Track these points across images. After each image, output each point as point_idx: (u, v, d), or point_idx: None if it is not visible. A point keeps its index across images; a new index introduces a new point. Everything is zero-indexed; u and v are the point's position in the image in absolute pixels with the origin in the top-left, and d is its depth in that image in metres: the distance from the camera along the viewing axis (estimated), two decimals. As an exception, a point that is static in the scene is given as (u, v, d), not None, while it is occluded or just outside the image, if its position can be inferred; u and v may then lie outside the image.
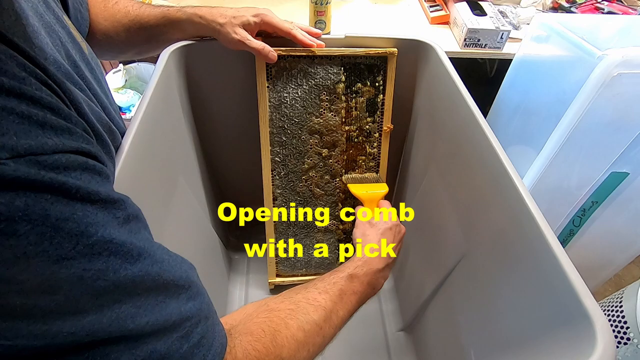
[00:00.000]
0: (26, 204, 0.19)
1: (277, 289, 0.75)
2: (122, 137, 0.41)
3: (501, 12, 1.05)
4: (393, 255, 0.53)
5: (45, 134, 0.21)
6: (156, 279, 0.25)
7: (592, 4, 1.08)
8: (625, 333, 0.64)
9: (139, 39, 0.56)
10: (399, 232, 0.56)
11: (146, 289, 0.25)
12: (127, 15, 0.54)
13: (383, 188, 0.64)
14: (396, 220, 0.57)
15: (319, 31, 0.58)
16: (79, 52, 0.38)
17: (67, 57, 0.34)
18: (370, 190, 0.64)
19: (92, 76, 0.38)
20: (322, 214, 0.70)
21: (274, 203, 0.68)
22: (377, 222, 0.56)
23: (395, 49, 0.60)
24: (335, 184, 0.68)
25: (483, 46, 0.99)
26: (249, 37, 0.53)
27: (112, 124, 0.38)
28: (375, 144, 0.66)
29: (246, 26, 0.53)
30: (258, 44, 0.54)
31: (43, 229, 0.19)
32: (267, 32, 0.56)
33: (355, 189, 0.64)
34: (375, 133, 0.65)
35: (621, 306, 0.67)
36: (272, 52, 0.55)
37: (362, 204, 0.63)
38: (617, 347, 0.64)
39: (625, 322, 0.64)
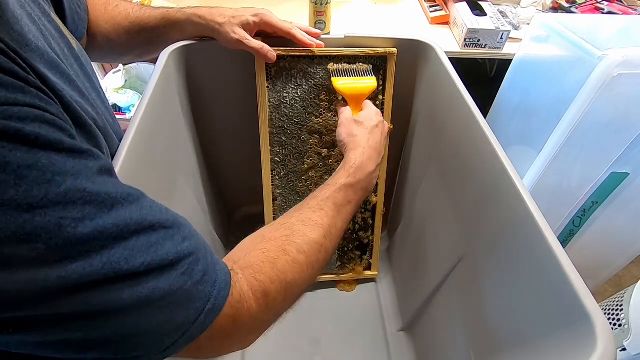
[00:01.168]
0: None
1: (277, 289, 0.75)
2: (116, 136, 0.41)
3: (501, 12, 1.05)
4: (382, 153, 0.52)
5: None
6: (140, 222, 0.25)
7: (592, 4, 1.08)
8: (620, 323, 0.64)
9: (140, 41, 0.56)
10: (383, 126, 0.54)
11: (133, 232, 0.25)
12: (128, 17, 0.54)
13: (371, 82, 0.57)
14: (380, 116, 0.54)
15: (318, 31, 0.58)
16: (68, 47, 0.38)
17: (52, 49, 0.34)
18: (356, 84, 0.57)
19: (81, 72, 0.38)
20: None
21: (274, 203, 0.68)
22: (363, 119, 0.52)
23: (395, 49, 0.59)
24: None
25: (483, 46, 0.99)
26: (248, 36, 0.53)
27: (103, 122, 0.37)
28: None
29: (245, 26, 0.53)
30: (257, 43, 0.54)
31: (4, 176, 0.20)
32: (267, 32, 0.56)
33: (339, 82, 0.57)
34: (375, 133, 0.65)
35: (621, 307, 0.67)
36: (271, 52, 0.55)
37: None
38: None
39: (622, 313, 0.65)
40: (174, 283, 0.26)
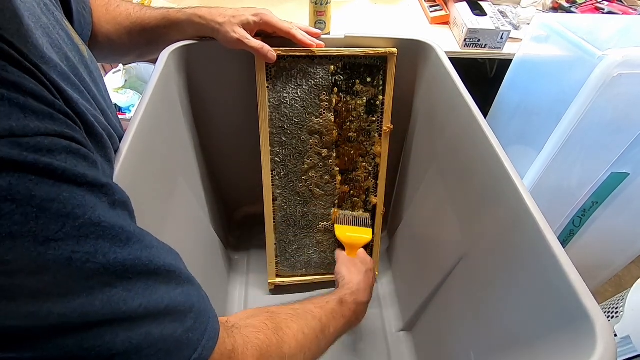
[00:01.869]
0: (10, 183, 0.19)
1: (277, 289, 0.75)
2: (120, 140, 0.41)
3: (501, 12, 1.05)
4: (371, 293, 0.59)
5: (27, 117, 0.21)
6: (147, 264, 0.25)
7: (592, 4, 1.08)
8: (617, 315, 0.64)
9: (141, 41, 0.56)
10: (373, 275, 0.62)
11: (137, 273, 0.25)
12: (129, 18, 0.54)
13: (367, 234, 0.68)
14: (371, 265, 0.64)
15: (318, 31, 0.58)
16: (79, 55, 0.38)
17: (66, 59, 0.34)
18: (354, 234, 0.68)
19: (90, 79, 0.38)
20: (322, 214, 0.70)
21: (273, 203, 0.68)
22: (361, 261, 0.63)
23: (395, 49, 0.59)
24: (335, 184, 0.68)
25: (483, 46, 0.99)
26: (248, 36, 0.53)
27: (110, 128, 0.37)
28: (375, 144, 0.66)
29: (245, 26, 0.53)
30: (257, 43, 0.54)
31: (28, 209, 0.19)
32: (267, 33, 0.56)
33: (340, 232, 0.68)
34: (375, 133, 0.65)
35: (622, 307, 0.67)
36: (271, 52, 0.55)
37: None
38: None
39: (621, 311, 0.65)
40: (165, 330, 0.26)
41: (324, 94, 0.61)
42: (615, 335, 0.64)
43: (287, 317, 0.40)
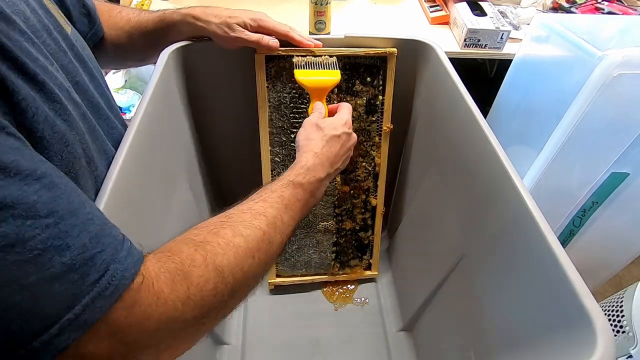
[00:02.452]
0: None
1: (277, 289, 0.75)
2: (121, 137, 0.41)
3: (501, 13, 1.05)
4: (337, 165, 0.49)
5: None
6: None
7: (592, 4, 1.08)
8: (623, 330, 0.64)
9: (141, 44, 0.57)
10: (347, 139, 0.51)
11: None
12: (129, 22, 0.56)
13: (334, 75, 0.56)
14: (347, 127, 0.51)
15: (317, 42, 0.58)
16: (54, 25, 0.38)
17: (24, 18, 0.33)
18: (317, 78, 0.55)
19: (73, 55, 0.38)
20: (322, 214, 0.70)
21: (273, 203, 0.68)
22: (325, 126, 0.50)
23: (395, 49, 0.59)
24: (335, 184, 0.68)
25: (483, 46, 0.99)
26: (246, 31, 0.53)
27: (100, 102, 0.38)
28: (375, 144, 0.66)
29: (242, 27, 0.53)
30: (256, 36, 0.54)
31: None
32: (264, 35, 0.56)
33: (301, 75, 0.55)
34: (375, 133, 0.65)
35: (621, 307, 0.67)
36: (272, 40, 0.54)
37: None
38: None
39: (625, 323, 0.65)
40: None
41: (324, 94, 0.61)
42: (630, 357, 0.62)
43: (216, 227, 0.33)
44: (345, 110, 0.53)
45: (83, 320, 0.22)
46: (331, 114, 0.54)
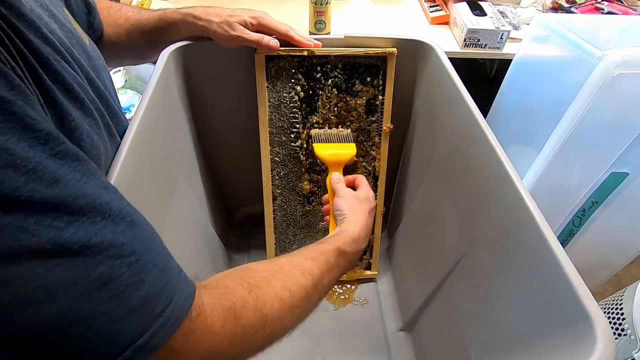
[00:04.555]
0: None
1: (277, 289, 0.75)
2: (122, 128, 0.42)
3: (501, 12, 1.05)
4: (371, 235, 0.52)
5: None
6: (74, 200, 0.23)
7: (592, 4, 1.08)
8: (625, 333, 0.64)
9: (140, 43, 0.57)
10: (373, 216, 0.55)
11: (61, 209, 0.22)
12: (128, 20, 0.56)
13: (350, 149, 0.60)
14: (374, 200, 0.55)
15: (316, 42, 0.58)
16: (76, 40, 0.39)
17: (57, 25, 0.35)
18: (336, 152, 0.59)
19: (89, 65, 0.39)
20: (322, 214, 0.70)
21: (273, 203, 0.68)
22: (364, 199, 0.53)
23: (395, 49, 0.59)
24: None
25: (483, 46, 0.99)
26: (247, 31, 0.53)
27: (113, 124, 0.38)
28: (375, 144, 0.66)
29: (243, 26, 0.53)
30: (256, 36, 0.54)
31: None
32: (264, 34, 0.56)
33: (320, 149, 0.60)
34: (375, 133, 0.65)
35: (621, 306, 0.67)
36: (272, 40, 0.54)
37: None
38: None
39: (625, 322, 0.65)
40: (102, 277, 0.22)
41: (323, 93, 0.61)
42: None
43: (269, 274, 0.35)
44: (365, 182, 0.57)
45: (151, 345, 0.24)
46: (348, 182, 0.57)
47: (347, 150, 0.60)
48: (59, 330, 0.21)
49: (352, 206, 0.51)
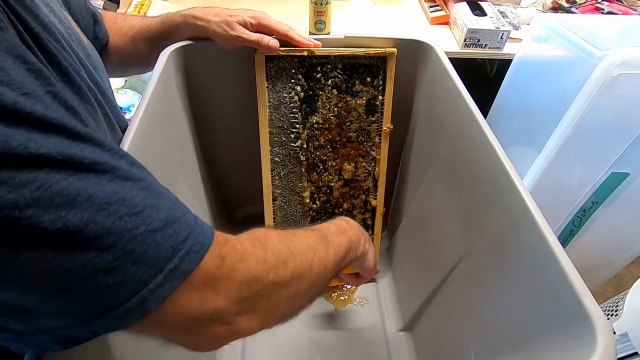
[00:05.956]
0: None
1: (277, 289, 0.75)
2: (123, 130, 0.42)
3: (501, 12, 1.05)
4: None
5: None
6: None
7: (592, 4, 1.08)
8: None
9: (144, 49, 0.57)
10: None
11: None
12: (132, 28, 0.57)
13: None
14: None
15: (316, 42, 0.58)
16: (77, 41, 0.40)
17: (60, 23, 0.36)
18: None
19: (90, 64, 0.40)
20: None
21: (273, 203, 0.68)
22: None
23: (395, 49, 0.59)
24: (334, 184, 0.68)
25: (483, 46, 0.99)
26: (246, 31, 0.53)
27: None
28: (375, 144, 0.66)
29: (242, 26, 0.53)
30: (256, 36, 0.54)
31: None
32: (264, 34, 0.56)
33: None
34: (374, 133, 0.65)
35: (621, 305, 0.68)
36: (272, 40, 0.54)
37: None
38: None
39: (621, 309, 0.65)
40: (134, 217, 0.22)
41: (323, 94, 0.61)
42: (614, 333, 0.64)
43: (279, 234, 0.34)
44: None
45: (181, 269, 0.24)
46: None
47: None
48: (83, 241, 0.20)
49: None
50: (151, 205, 0.23)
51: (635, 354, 0.61)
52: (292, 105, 0.61)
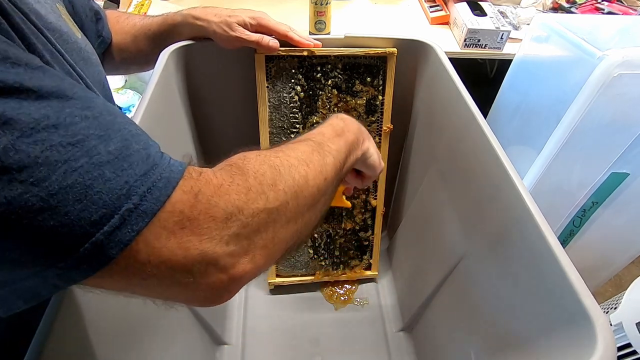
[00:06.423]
0: None
1: (277, 289, 0.75)
2: None
3: (501, 13, 1.05)
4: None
5: None
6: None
7: (592, 4, 1.08)
8: None
9: (145, 48, 0.58)
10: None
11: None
12: (134, 27, 0.58)
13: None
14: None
15: (316, 42, 0.58)
16: (68, 34, 0.39)
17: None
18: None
19: (79, 57, 0.39)
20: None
21: (273, 203, 0.68)
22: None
23: (395, 49, 0.59)
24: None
25: (483, 46, 0.99)
26: (246, 31, 0.53)
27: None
28: (375, 144, 0.66)
29: (242, 26, 0.53)
30: (256, 36, 0.54)
31: None
32: (264, 34, 0.56)
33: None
34: (375, 133, 0.65)
35: (620, 301, 0.68)
36: (273, 41, 0.54)
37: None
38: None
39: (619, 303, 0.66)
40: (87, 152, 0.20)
41: (323, 94, 0.61)
42: (610, 325, 0.64)
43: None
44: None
45: (143, 210, 0.21)
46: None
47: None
48: (4, 172, 0.18)
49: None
50: (97, 135, 0.21)
51: (629, 345, 0.61)
52: (292, 105, 0.61)
